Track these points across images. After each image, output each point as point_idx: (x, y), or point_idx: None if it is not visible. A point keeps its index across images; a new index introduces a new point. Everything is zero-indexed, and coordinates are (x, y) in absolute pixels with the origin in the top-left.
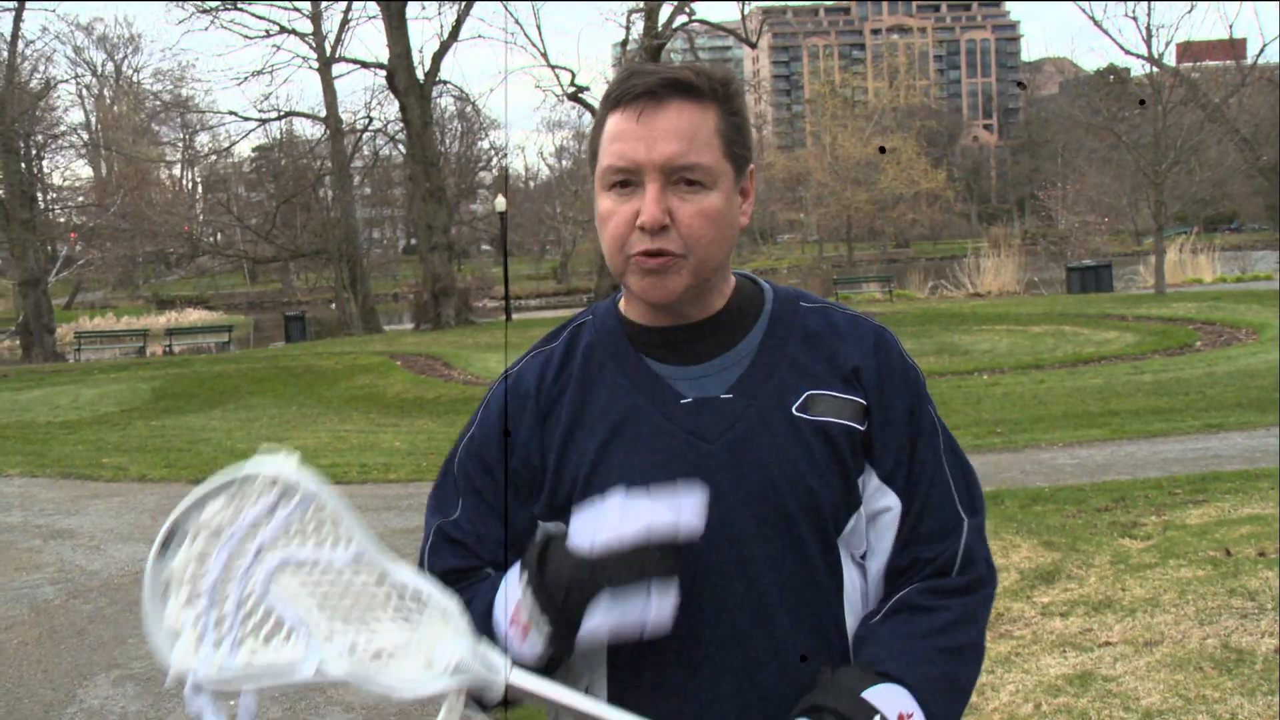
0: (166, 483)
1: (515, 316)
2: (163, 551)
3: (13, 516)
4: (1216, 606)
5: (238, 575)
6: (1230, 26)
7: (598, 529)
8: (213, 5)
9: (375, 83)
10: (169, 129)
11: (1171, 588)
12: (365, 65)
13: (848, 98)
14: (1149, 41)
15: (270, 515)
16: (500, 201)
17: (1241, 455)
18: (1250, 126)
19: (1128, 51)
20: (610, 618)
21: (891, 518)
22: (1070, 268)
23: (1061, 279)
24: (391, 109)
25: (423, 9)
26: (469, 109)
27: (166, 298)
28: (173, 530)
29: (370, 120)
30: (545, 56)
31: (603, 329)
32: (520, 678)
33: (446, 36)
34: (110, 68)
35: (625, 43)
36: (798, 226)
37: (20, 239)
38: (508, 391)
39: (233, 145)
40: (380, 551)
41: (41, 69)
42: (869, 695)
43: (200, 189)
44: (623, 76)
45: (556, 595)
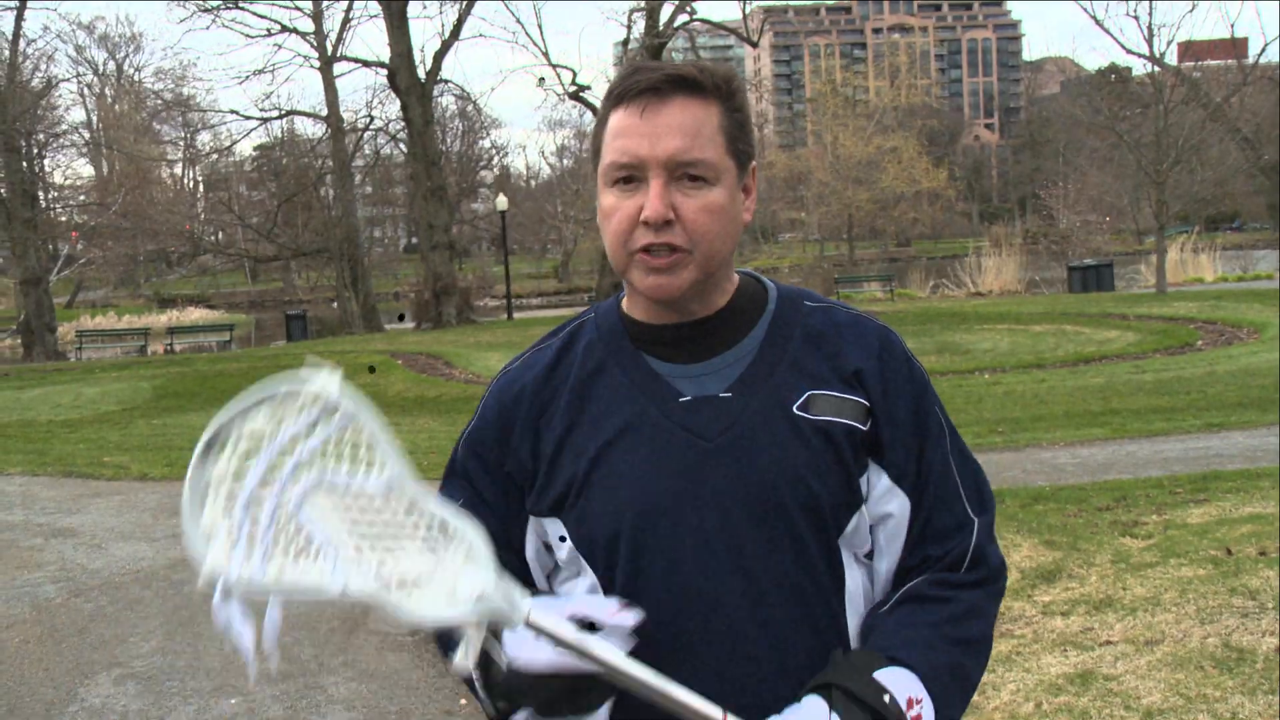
0: (168, 481)
1: (516, 315)
2: (204, 455)
3: (14, 515)
4: (1217, 605)
5: (273, 489)
6: (1231, 26)
7: (521, 645)
8: (214, 4)
9: (376, 82)
10: (170, 128)
11: (1172, 587)
12: (367, 64)
13: (849, 97)
14: (1150, 41)
15: (310, 432)
16: (502, 200)
17: (1242, 454)
18: (1251, 126)
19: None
20: None
21: (901, 518)
22: (1071, 267)
23: (1063, 278)
24: (393, 108)
25: (424, 8)
26: (470, 108)
27: (168, 296)
28: (216, 435)
29: (371, 119)
30: (546, 55)
31: (604, 327)
32: (539, 617)
33: (448, 35)
34: (111, 66)
35: (626, 42)
36: (799, 225)
37: (22, 238)
38: (505, 389)
39: (234, 144)
40: (412, 480)
41: (43, 68)
42: (880, 676)
43: (201, 188)
44: (626, 73)
45: (494, 692)
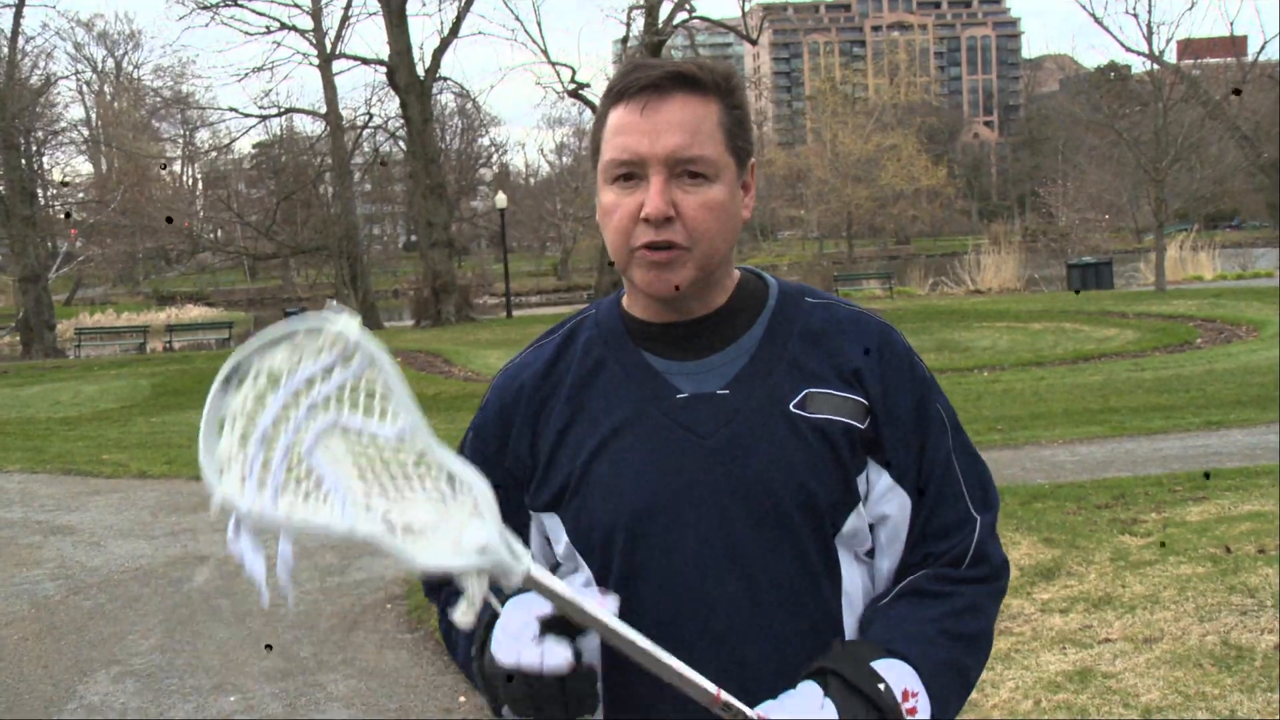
0: (167, 479)
1: (515, 313)
2: (224, 387)
3: (13, 512)
4: (1216, 603)
5: (287, 428)
6: (1231, 24)
7: (502, 643)
8: (213, 1)
9: (376, 79)
10: (169, 125)
11: (1171, 584)
12: (366, 62)
13: (848, 94)
14: (1150, 38)
15: (327, 375)
16: (501, 198)
17: (1241, 452)
18: (1251, 124)
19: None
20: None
21: (901, 519)
22: (1070, 265)
23: (1062, 276)
24: (392, 105)
25: (423, 5)
26: (469, 105)
27: (167, 294)
28: (236, 368)
29: (371, 117)
30: (545, 53)
31: (603, 324)
32: (539, 572)
33: (447, 33)
34: (110, 64)
35: (626, 39)
36: (798, 223)
37: (20, 235)
38: (505, 385)
39: (233, 142)
40: (425, 431)
41: (42, 65)
42: (877, 666)
43: (201, 185)
44: (625, 70)
45: (490, 684)
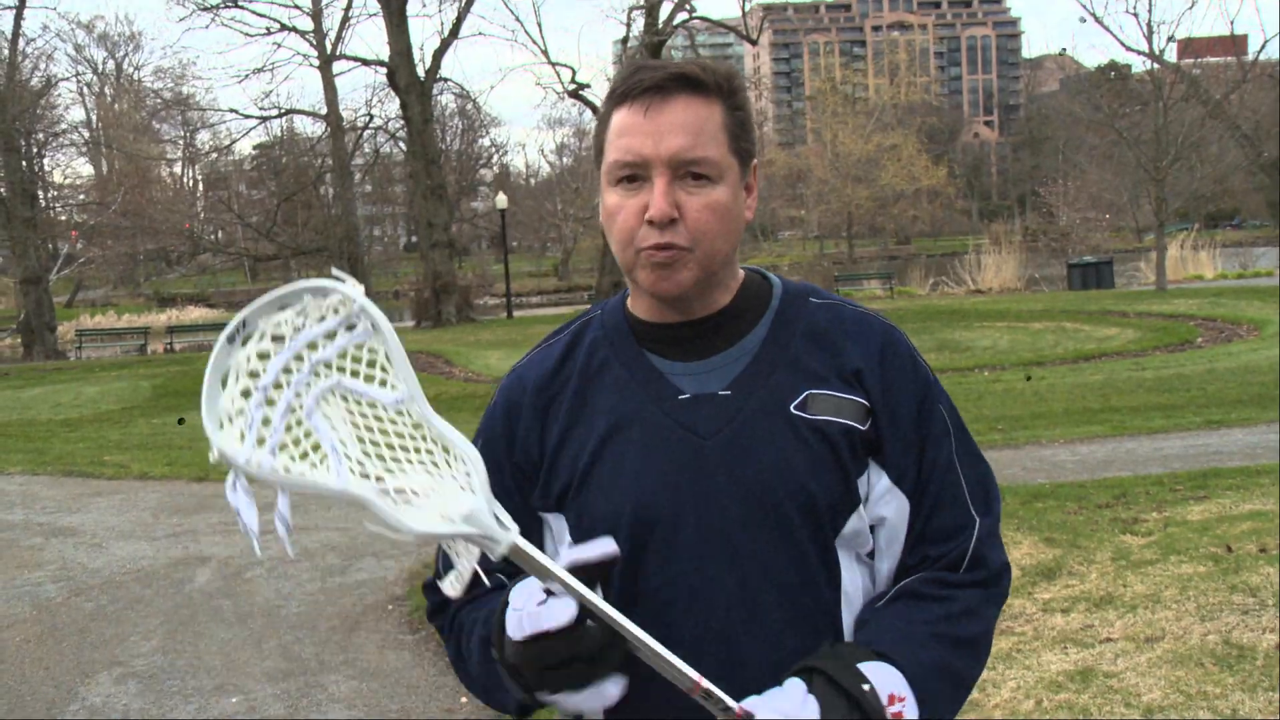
0: (168, 480)
1: (516, 314)
2: (229, 343)
3: (14, 514)
4: (1217, 603)
5: (287, 389)
6: (1231, 23)
7: (511, 620)
8: (213, 3)
9: (376, 80)
10: (170, 127)
11: (1173, 584)
12: (366, 63)
13: (848, 94)
14: (1150, 38)
15: (330, 339)
16: (501, 199)
17: (1242, 451)
18: (1251, 123)
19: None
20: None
21: (898, 522)
22: (1071, 264)
23: (1062, 275)
24: (392, 106)
25: (423, 6)
26: (469, 106)
27: (167, 295)
28: (243, 324)
29: (371, 117)
30: (546, 53)
31: (608, 325)
32: (526, 545)
33: (447, 34)
34: (111, 65)
35: (626, 40)
36: (799, 223)
37: (21, 237)
38: (513, 385)
39: (234, 143)
40: (422, 401)
41: (42, 67)
42: (863, 667)
43: (201, 187)
44: (628, 72)
45: (511, 668)
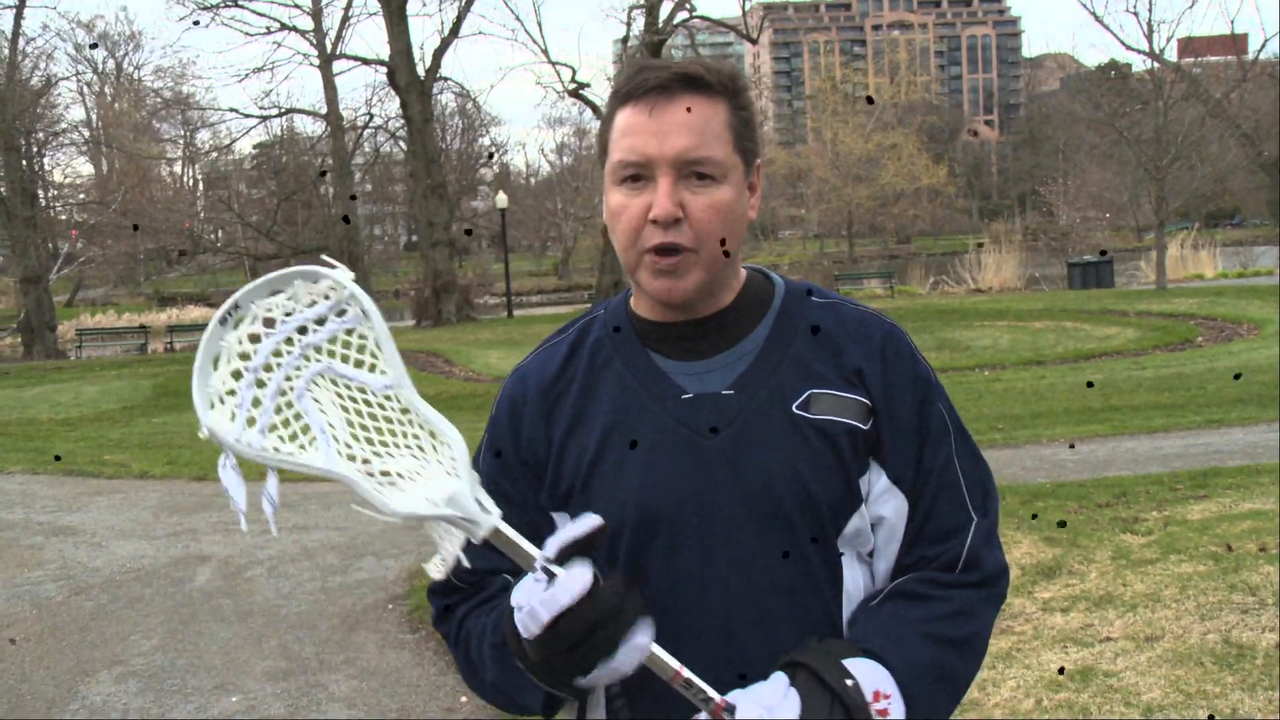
0: (168, 480)
1: (516, 313)
2: (222, 324)
3: (15, 514)
4: (1217, 602)
5: (278, 372)
6: (1231, 22)
7: (521, 614)
8: (213, 2)
9: (376, 79)
10: (170, 126)
11: (1172, 583)
12: (366, 62)
13: (849, 94)
14: (1150, 37)
15: (321, 324)
16: (501, 198)
17: (1242, 451)
18: (1251, 122)
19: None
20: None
21: (896, 522)
22: (1071, 263)
23: (1062, 275)
24: (392, 105)
25: (423, 5)
26: (470, 105)
27: (168, 295)
28: (235, 306)
29: (371, 117)
30: (546, 53)
31: (611, 324)
32: (506, 528)
33: (447, 33)
34: (111, 65)
35: (626, 39)
36: (799, 223)
37: (22, 236)
38: (517, 385)
39: (234, 142)
40: (410, 388)
41: (42, 66)
42: (849, 663)
43: (201, 186)
44: (633, 71)
45: (540, 666)
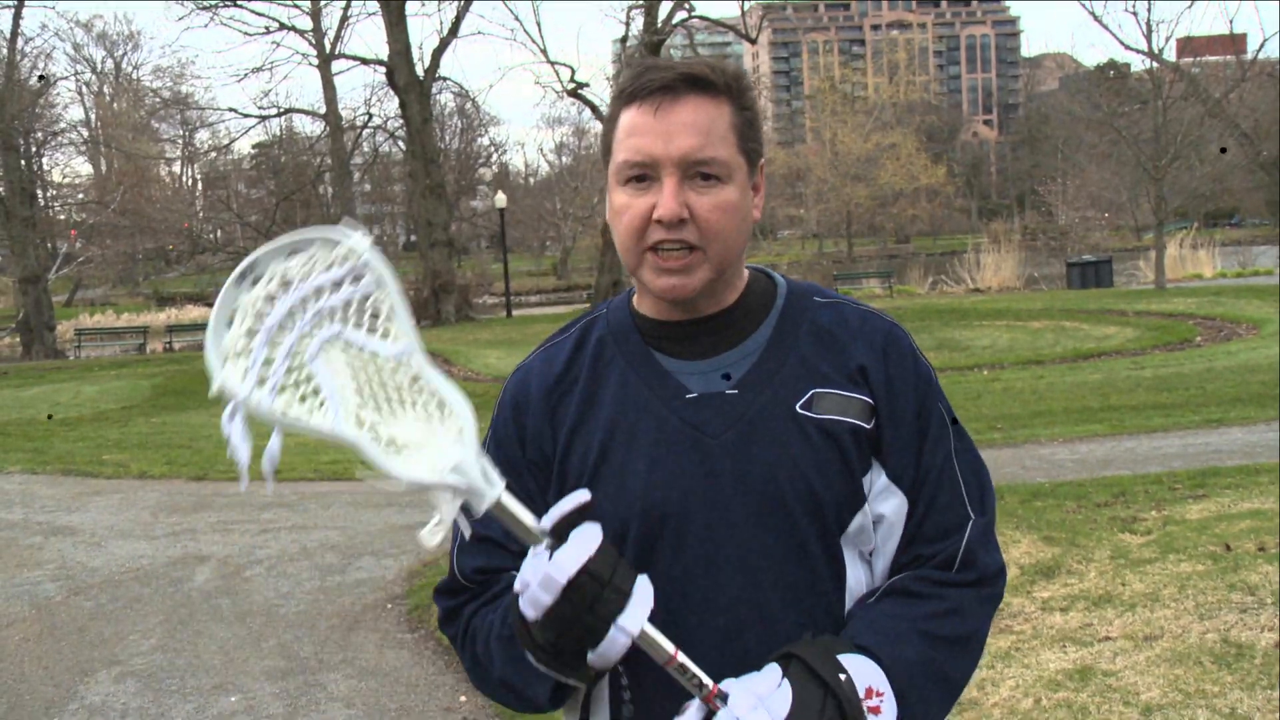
0: (167, 479)
1: (515, 313)
2: (238, 282)
3: (14, 514)
4: (1216, 601)
5: (291, 333)
6: (1230, 22)
7: (546, 577)
8: (212, 2)
9: (375, 79)
10: (169, 126)
11: (1171, 583)
12: (365, 62)
13: (848, 93)
14: (1149, 37)
15: (336, 288)
16: (500, 198)
17: (1241, 450)
18: (1250, 121)
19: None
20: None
21: (895, 520)
22: (1070, 263)
23: (1062, 274)
24: (391, 105)
25: (422, 5)
26: (469, 105)
27: (166, 295)
28: (252, 265)
29: (370, 117)
30: (545, 53)
31: (614, 323)
32: (509, 500)
33: (446, 33)
34: (110, 65)
35: (625, 39)
36: (798, 222)
37: (20, 236)
38: (520, 384)
39: (233, 142)
40: (421, 356)
41: (41, 66)
42: (843, 659)
43: (200, 186)
44: (637, 71)
45: (547, 648)
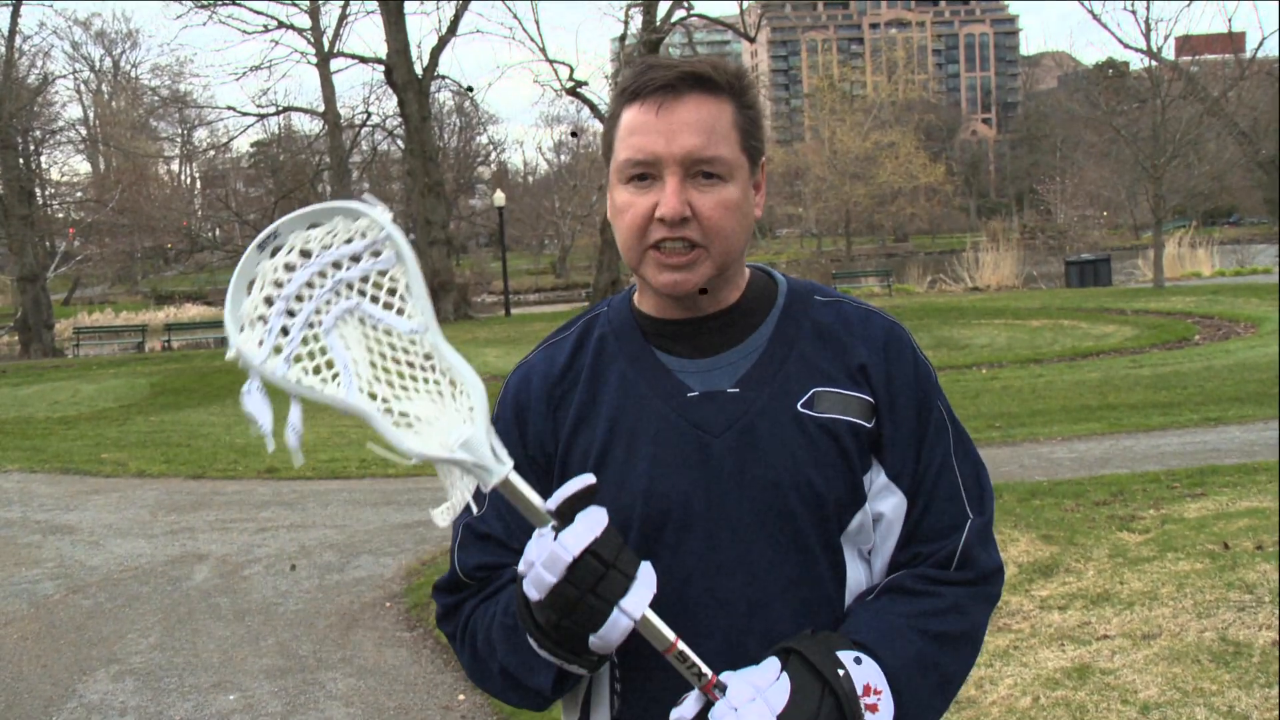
0: (165, 478)
1: (514, 311)
2: (259, 250)
3: (12, 512)
4: (1214, 599)
5: (308, 304)
6: (1229, 20)
7: (554, 555)
8: (210, 0)
9: (374, 78)
10: (167, 124)
11: (1169, 581)
12: (364, 60)
13: (846, 92)
14: (1148, 35)
15: (355, 262)
16: (499, 196)
17: (1239, 449)
18: (1249, 120)
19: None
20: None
21: (896, 516)
22: (1069, 262)
23: (1060, 273)
24: (390, 104)
25: (421, 4)
26: (467, 104)
27: (165, 293)
28: (274, 233)
29: (369, 115)
30: (543, 51)
31: (615, 321)
32: (517, 479)
33: (445, 31)
34: (108, 63)
35: (624, 37)
36: (796, 221)
37: (19, 235)
38: (521, 382)
39: (231, 140)
40: (436, 333)
41: (39, 64)
42: (842, 655)
43: (199, 184)
44: (639, 70)
45: (550, 629)
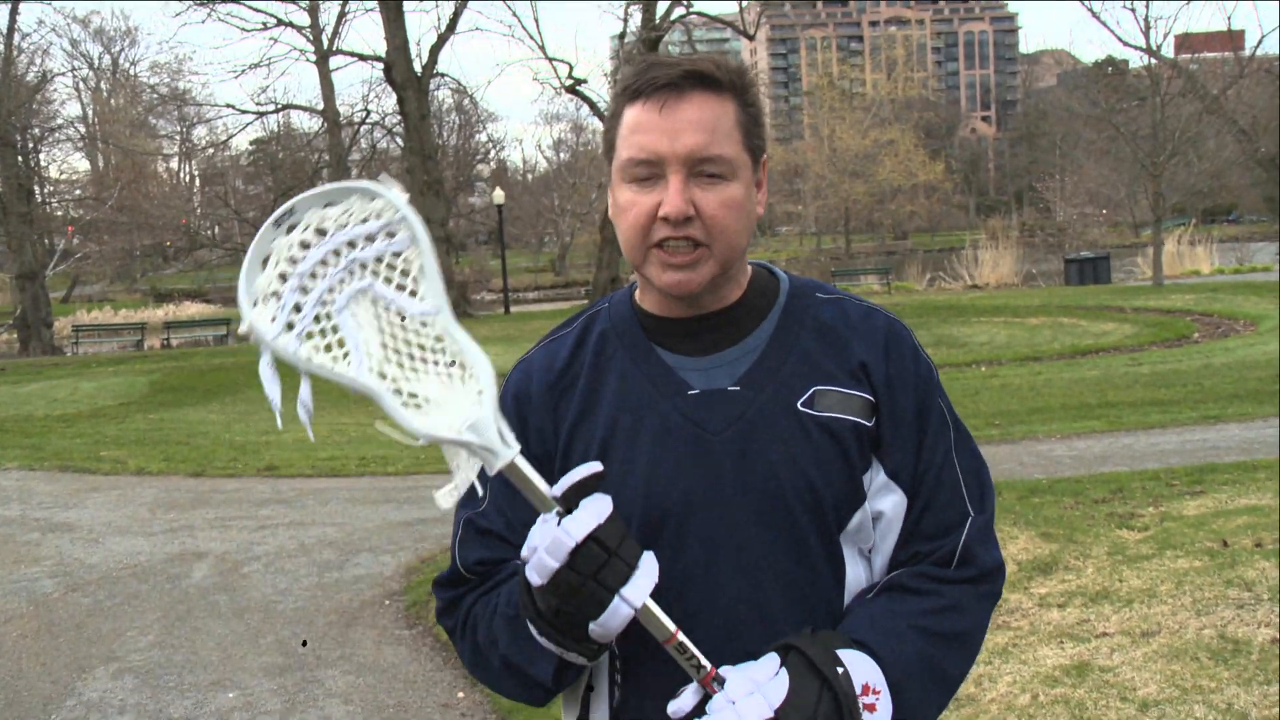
0: (165, 476)
1: (513, 309)
2: (275, 226)
3: (11, 510)
4: (1213, 597)
5: (324, 278)
6: (1229, 18)
7: (557, 540)
8: None
9: (373, 75)
10: (166, 122)
11: (1169, 578)
12: (363, 58)
13: (845, 90)
14: (1147, 33)
15: (370, 242)
16: (499, 194)
17: (1239, 447)
18: (1248, 118)
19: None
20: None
21: (896, 514)
22: (1068, 259)
23: (1059, 271)
24: (389, 102)
25: (420, 2)
26: (466, 102)
27: (164, 291)
28: (291, 210)
29: (368, 113)
30: (543, 49)
31: (617, 318)
32: (523, 463)
33: (444, 29)
34: (107, 61)
35: (623, 35)
36: (796, 219)
37: (17, 232)
38: (522, 378)
39: (230, 138)
40: (448, 316)
41: (38, 62)
42: (842, 653)
43: (198, 182)
44: (641, 68)
45: (552, 616)
